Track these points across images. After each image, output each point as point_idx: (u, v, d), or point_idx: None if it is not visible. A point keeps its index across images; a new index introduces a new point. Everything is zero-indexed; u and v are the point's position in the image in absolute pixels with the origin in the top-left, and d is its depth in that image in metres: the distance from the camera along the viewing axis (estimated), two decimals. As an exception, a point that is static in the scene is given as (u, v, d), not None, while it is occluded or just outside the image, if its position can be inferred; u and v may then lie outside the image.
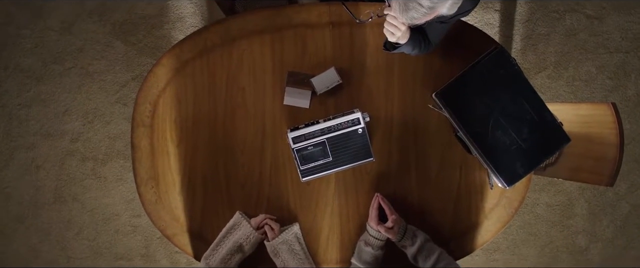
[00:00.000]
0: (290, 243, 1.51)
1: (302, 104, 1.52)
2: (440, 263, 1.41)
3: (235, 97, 1.53)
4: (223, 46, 1.52)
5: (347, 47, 1.53)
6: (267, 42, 1.53)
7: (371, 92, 1.54)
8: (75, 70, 2.28)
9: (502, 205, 1.57)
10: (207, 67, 1.53)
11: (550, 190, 2.39)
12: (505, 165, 1.45)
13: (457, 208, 1.57)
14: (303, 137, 1.45)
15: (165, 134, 1.54)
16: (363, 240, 1.50)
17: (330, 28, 1.52)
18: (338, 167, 1.48)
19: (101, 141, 2.32)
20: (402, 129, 1.55)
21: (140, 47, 2.27)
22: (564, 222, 2.42)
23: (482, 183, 1.56)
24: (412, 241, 1.44)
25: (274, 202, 1.56)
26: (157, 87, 1.53)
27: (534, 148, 1.44)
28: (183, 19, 2.27)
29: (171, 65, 1.53)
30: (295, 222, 1.55)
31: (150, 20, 2.26)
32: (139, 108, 1.53)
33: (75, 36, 2.26)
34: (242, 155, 1.54)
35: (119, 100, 2.30)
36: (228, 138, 1.54)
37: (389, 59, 1.53)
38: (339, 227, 1.57)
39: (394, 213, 1.46)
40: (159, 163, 1.54)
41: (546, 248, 2.44)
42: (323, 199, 1.56)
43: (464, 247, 1.59)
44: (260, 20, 1.52)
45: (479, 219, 1.57)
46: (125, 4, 2.24)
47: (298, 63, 1.53)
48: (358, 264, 1.49)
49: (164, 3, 2.25)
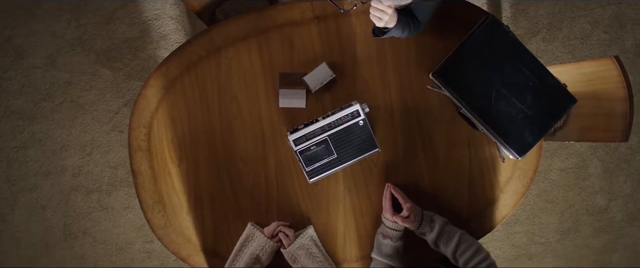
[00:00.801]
0: (307, 247, 1.48)
1: (298, 104, 1.48)
2: (463, 245, 1.37)
3: (229, 107, 1.50)
4: (209, 57, 1.49)
5: (336, 40, 1.49)
6: (254, 47, 1.49)
7: (367, 82, 1.50)
8: (66, 104, 2.25)
9: (517, 176, 1.53)
10: (197, 81, 1.49)
11: (561, 154, 2.35)
12: (514, 136, 1.41)
13: (471, 186, 1.53)
14: (304, 138, 1.41)
15: (164, 155, 1.50)
16: (381, 233, 1.46)
17: (315, 23, 1.48)
18: (344, 163, 1.44)
19: (103, 172, 2.29)
20: (403, 115, 1.51)
21: (127, 72, 2.23)
22: (580, 184, 2.38)
23: (493, 158, 1.52)
24: (430, 227, 1.41)
25: (284, 208, 1.52)
26: (149, 109, 1.50)
27: (541, 114, 1.40)
28: (166, 36, 2.23)
29: (160, 85, 1.49)
30: (309, 224, 1.52)
31: (133, 43, 2.22)
32: (134, 133, 1.50)
33: (60, 70, 2.23)
34: (245, 165, 1.51)
35: (114, 127, 2.27)
36: (228, 150, 1.50)
37: (380, 45, 1.49)
38: (354, 224, 1.53)
39: (408, 201, 1.42)
40: (162, 186, 1.51)
41: (566, 213, 2.39)
42: (334, 197, 1.52)
43: (484, 224, 1.55)
44: (243, 25, 1.48)
45: (495, 194, 1.53)
46: (105, 31, 2.21)
47: (288, 63, 1.49)
48: (379, 258, 1.45)
49: (144, 24, 2.21)
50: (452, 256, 1.38)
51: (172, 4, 2.21)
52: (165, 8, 2.21)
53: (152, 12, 2.21)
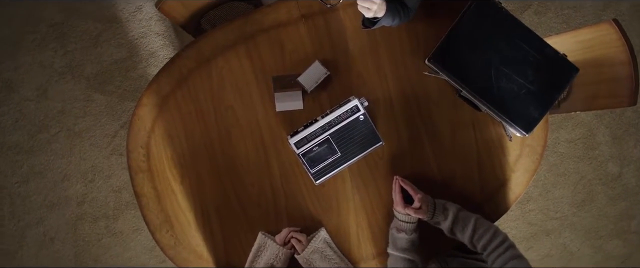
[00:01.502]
0: (321, 250, 1.44)
1: (295, 106, 1.45)
2: (479, 230, 1.34)
3: (225, 117, 1.47)
4: (200, 69, 1.46)
5: (326, 37, 1.46)
6: (243, 53, 1.46)
7: (362, 76, 1.47)
8: (62, 133, 2.22)
9: (526, 154, 1.50)
10: (190, 94, 1.46)
11: (567, 125, 2.31)
12: (519, 113, 1.37)
13: (481, 169, 1.50)
14: (305, 140, 1.38)
15: (165, 173, 1.47)
16: (394, 228, 1.43)
17: (303, 22, 1.45)
18: (349, 161, 1.41)
19: (107, 197, 2.26)
20: (403, 104, 1.48)
21: (120, 94, 2.21)
22: (590, 154, 2.34)
23: (500, 137, 1.49)
24: (444, 215, 1.37)
25: (293, 213, 1.49)
26: (145, 129, 1.47)
27: (544, 87, 1.37)
28: (155, 53, 2.20)
29: (153, 103, 1.46)
30: (321, 227, 1.49)
31: (122, 64, 2.19)
32: (132, 155, 1.47)
33: (53, 100, 2.20)
34: (248, 174, 1.48)
35: (113, 151, 2.24)
36: (230, 161, 1.47)
37: (372, 36, 1.46)
38: (366, 221, 1.50)
39: (418, 192, 1.39)
40: (167, 205, 1.48)
41: (578, 185, 2.36)
42: (342, 197, 1.49)
43: (498, 206, 1.51)
44: (230, 32, 1.45)
45: (506, 175, 1.50)
46: (93, 55, 2.18)
47: (280, 66, 1.46)
48: (396, 253, 1.42)
49: (131, 44, 2.18)
50: (469, 242, 1.35)
51: (157, 20, 2.18)
52: (150, 25, 2.18)
53: (137, 31, 2.18)
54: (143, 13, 2.17)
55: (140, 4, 2.17)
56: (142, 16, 2.17)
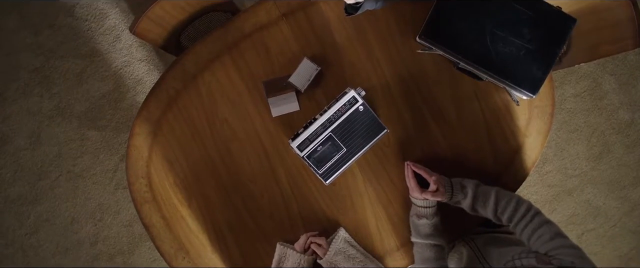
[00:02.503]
0: (343, 250, 1.40)
1: (291, 108, 1.40)
2: (501, 202, 1.29)
3: (222, 132, 1.42)
4: (187, 88, 1.41)
5: (310, 32, 1.40)
6: (229, 63, 1.41)
7: (355, 65, 1.41)
8: (63, 177, 2.18)
9: (536, 116, 1.44)
10: (182, 115, 1.41)
11: (571, 80, 2.25)
12: (522, 75, 1.32)
13: (491, 139, 1.44)
14: (308, 141, 1.33)
15: (171, 200, 1.43)
16: (414, 215, 1.38)
17: (284, 21, 1.40)
18: (356, 154, 1.36)
19: (119, 233, 2.22)
20: (401, 87, 1.42)
21: (113, 127, 2.16)
22: (599, 105, 2.28)
23: (506, 104, 1.43)
24: (463, 193, 1.32)
25: (308, 218, 1.44)
26: (143, 159, 1.42)
27: (543, 45, 1.31)
28: (141, 80, 2.16)
29: (146, 131, 1.41)
30: (339, 227, 1.44)
31: (110, 97, 2.15)
32: (134, 187, 1.42)
33: (47, 145, 2.16)
34: (255, 185, 1.43)
35: (117, 186, 2.20)
36: (234, 175, 1.43)
37: (357, 24, 1.40)
38: (384, 213, 1.45)
39: (432, 174, 1.33)
40: (179, 232, 1.43)
41: (592, 138, 2.30)
42: (355, 192, 1.44)
43: (516, 175, 1.46)
44: (212, 45, 1.40)
45: (519, 141, 1.45)
46: (80, 93, 2.13)
47: (268, 70, 1.41)
48: (420, 240, 1.37)
49: (116, 75, 2.14)
50: (493, 216, 1.30)
51: (137, 46, 2.13)
52: (132, 53, 2.13)
53: (120, 61, 2.13)
54: (122, 42, 2.13)
55: (118, 33, 2.12)
56: (121, 45, 2.13)
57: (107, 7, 2.10)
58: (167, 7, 1.33)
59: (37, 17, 2.10)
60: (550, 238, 1.19)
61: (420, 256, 1.37)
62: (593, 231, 2.35)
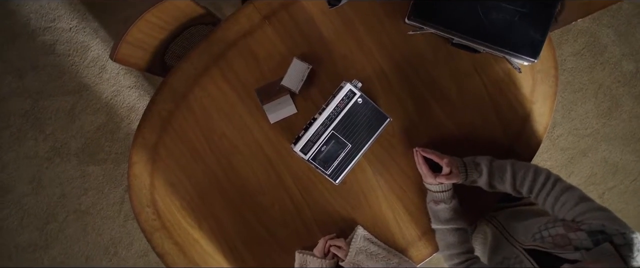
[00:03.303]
0: (364, 249, 1.35)
1: (289, 111, 1.35)
2: (518, 174, 1.24)
3: (221, 147, 1.37)
4: (179, 107, 1.36)
5: (295, 30, 1.36)
6: (218, 76, 1.36)
7: (346, 57, 1.37)
8: (71, 217, 2.14)
9: (540, 81, 1.39)
10: (178, 136, 1.37)
11: (567, 39, 2.20)
12: (520, 41, 1.26)
13: (498, 111, 1.39)
14: (310, 142, 1.28)
15: (181, 224, 1.38)
16: (431, 201, 1.33)
17: (267, 23, 1.35)
18: (362, 149, 1.31)
19: (136, 264, 2.18)
20: (398, 73, 1.37)
21: (113, 159, 2.12)
22: (600, 59, 2.22)
23: (508, 73, 1.38)
24: (478, 172, 1.27)
25: (323, 221, 1.39)
26: (145, 187, 1.38)
27: (537, 6, 1.26)
28: (133, 107, 2.12)
29: (144, 158, 1.37)
30: (356, 225, 1.39)
31: (105, 129, 2.11)
32: (142, 217, 1.38)
33: (50, 187, 2.12)
34: (264, 196, 1.38)
35: (126, 217, 2.16)
36: (241, 189, 1.38)
37: (343, 15, 1.36)
38: (400, 204, 1.40)
39: (443, 157, 1.28)
40: (194, 256, 1.39)
41: (599, 94, 2.24)
42: (367, 187, 1.39)
43: (529, 143, 1.41)
44: (198, 59, 1.36)
45: (526, 109, 1.40)
46: (73, 130, 2.10)
47: (259, 76, 1.37)
48: (441, 227, 1.32)
49: (107, 106, 2.10)
50: (512, 189, 1.25)
51: (124, 74, 2.09)
52: (119, 81, 2.09)
53: (109, 91, 2.09)
54: (108, 71, 2.09)
55: (102, 64, 2.08)
56: (108, 75, 2.09)
57: (87, 39, 2.07)
58: (144, 29, 1.29)
59: (18, 61, 2.06)
60: (575, 203, 1.15)
61: (444, 242, 1.32)
62: (614, 189, 2.29)
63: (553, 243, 1.13)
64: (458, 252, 1.29)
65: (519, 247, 1.20)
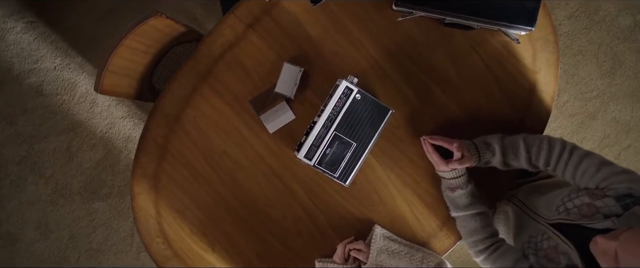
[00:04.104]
0: (385, 248, 1.30)
1: (287, 118, 1.31)
2: (533, 148, 1.19)
3: (223, 165, 1.33)
4: (174, 131, 1.32)
5: (281, 34, 1.31)
6: (209, 93, 1.32)
7: (338, 54, 1.32)
8: (83, 257, 2.10)
9: (540, 48, 1.34)
10: (177, 161, 1.32)
11: (559, 3, 2.15)
12: (514, 11, 1.22)
13: (502, 87, 1.34)
14: (314, 147, 1.23)
15: (193, 250, 1.34)
16: (446, 189, 1.28)
17: (251, 31, 1.31)
18: (368, 146, 1.27)
19: (155, 295, 2.14)
20: (393, 62, 1.33)
21: (117, 192, 2.08)
22: (596, 18, 2.16)
23: (506, 45, 1.33)
24: (490, 151, 1.22)
25: (339, 226, 1.35)
26: (151, 217, 1.33)
27: (526, -28, 1.21)
28: (130, 138, 2.08)
29: (146, 188, 1.33)
30: (373, 225, 1.34)
31: (104, 163, 2.07)
32: (152, 248, 1.34)
33: (57, 231, 2.08)
34: (274, 208, 1.34)
35: (139, 250, 2.11)
36: (249, 205, 1.33)
37: (327, 10, 1.31)
38: (415, 197, 1.35)
39: (452, 141, 1.23)
40: (211, 280, 1.34)
41: (599, 54, 2.18)
42: (379, 184, 1.34)
43: (539, 114, 1.36)
44: (185, 79, 1.31)
45: (530, 79, 1.34)
46: (73, 169, 2.06)
47: (251, 87, 1.32)
48: (460, 214, 1.27)
49: (103, 139, 2.05)
50: (528, 164, 1.20)
51: (115, 105, 2.05)
52: (112, 113, 2.05)
53: (103, 125, 2.05)
54: (99, 105, 2.05)
55: (92, 98, 2.05)
56: (100, 108, 2.05)
57: (73, 75, 2.03)
58: (126, 56, 1.25)
59: (7, 108, 2.02)
60: (596, 169, 1.10)
61: (466, 229, 1.27)
62: (630, 147, 2.23)
63: (580, 214, 1.08)
64: (482, 237, 1.24)
65: (543, 222, 1.15)
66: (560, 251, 1.07)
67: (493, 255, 1.21)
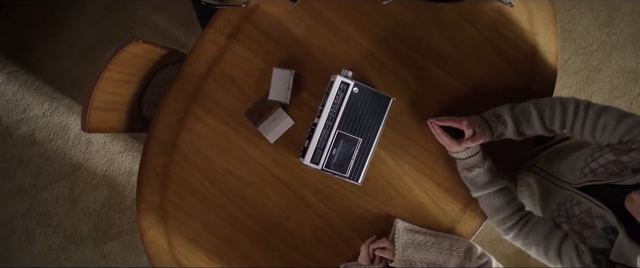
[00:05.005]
0: (411, 241, 1.24)
1: (286, 125, 1.25)
2: (545, 112, 1.13)
3: (229, 184, 1.27)
4: (172, 158, 1.27)
5: (265, 40, 1.26)
6: (201, 112, 1.26)
7: (327, 50, 1.26)
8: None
9: (535, 8, 1.28)
10: (181, 188, 1.27)
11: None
12: (502, -27, 1.16)
13: (502, 54, 1.28)
14: (319, 150, 1.18)
15: (213, 277, 1.28)
16: (463, 170, 1.22)
17: (234, 41, 1.25)
18: (374, 139, 1.21)
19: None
20: (385, 48, 1.27)
21: (128, 228, 2.03)
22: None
23: (499, 11, 1.27)
24: (502, 123, 1.16)
25: (358, 227, 1.29)
26: (164, 251, 1.28)
27: None
28: (131, 171, 2.03)
29: (154, 222, 1.27)
30: (394, 219, 1.28)
31: (110, 202, 2.02)
32: (170, 282, 1.28)
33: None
34: (289, 220, 1.28)
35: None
36: (263, 221, 1.28)
37: (309, 8, 1.25)
38: (432, 183, 1.29)
39: (461, 119, 1.17)
40: (237, 305, 1.29)
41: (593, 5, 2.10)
42: (393, 176, 1.28)
43: (545, 76, 1.30)
44: (175, 102, 1.26)
45: (530, 41, 1.28)
46: (79, 213, 2.01)
47: (243, 99, 1.27)
48: (482, 193, 1.21)
49: (105, 178, 2.01)
50: (544, 130, 1.14)
51: (111, 141, 2.00)
52: (109, 149, 2.00)
53: (102, 163, 2.00)
54: (95, 144, 2.00)
55: (87, 138, 2.00)
56: (96, 147, 2.00)
57: (63, 118, 1.98)
58: (109, 89, 1.19)
59: (2, 162, 1.98)
60: (616, 123, 1.03)
61: (490, 208, 1.21)
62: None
63: (607, 172, 1.02)
64: (509, 214, 1.18)
65: (570, 188, 1.09)
66: (594, 214, 1.02)
67: (524, 230, 1.15)
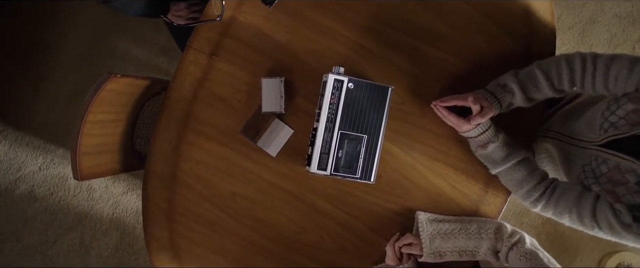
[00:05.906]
0: (436, 231, 1.18)
1: (285, 135, 1.19)
2: (551, 73, 1.07)
3: (237, 207, 1.21)
4: (174, 190, 1.21)
5: (249, 52, 1.20)
6: (195, 138, 1.21)
7: (314, 50, 1.21)
8: None
9: (520, -33, 1.22)
10: (189, 220, 1.21)
11: None
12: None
13: (496, 21, 1.22)
14: (324, 155, 1.12)
15: (238, 307, 1.22)
16: (477, 148, 1.16)
17: (215, 59, 1.20)
18: (379, 133, 1.15)
19: None
20: (375, 39, 1.21)
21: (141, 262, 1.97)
22: None
23: (484, -22, 1.21)
24: (509, 93, 1.10)
25: (379, 226, 1.23)
26: (183, 287, 1.22)
27: None
28: (138, 211, 1.97)
29: (167, 259, 1.22)
30: (415, 213, 1.22)
31: (123, 244, 1.96)
32: (195, 319, 1.22)
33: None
34: (306, 233, 1.22)
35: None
36: (280, 239, 1.22)
37: (287, 10, 1.20)
38: (447, 167, 1.23)
39: (465, 96, 1.11)
40: (269, 331, 1.23)
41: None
42: (405, 168, 1.22)
43: (544, 36, 1.24)
44: (166, 133, 1.20)
45: (521, 3, 1.22)
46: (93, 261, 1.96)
47: (237, 116, 1.21)
48: (500, 169, 1.14)
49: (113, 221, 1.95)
50: (553, 91, 1.08)
51: (112, 184, 1.95)
52: (112, 192, 1.95)
53: (107, 207, 1.95)
54: (97, 190, 1.95)
55: (88, 185, 1.94)
56: (98, 193, 1.95)
57: (60, 169, 1.93)
58: (96, 131, 1.14)
59: (7, 225, 1.93)
60: (629, 70, 0.97)
61: (513, 182, 1.14)
62: (642, 38, 2.10)
63: (629, 123, 0.96)
64: (533, 185, 1.11)
65: (592, 147, 1.03)
66: (623, 170, 0.95)
67: (552, 199, 1.09)
